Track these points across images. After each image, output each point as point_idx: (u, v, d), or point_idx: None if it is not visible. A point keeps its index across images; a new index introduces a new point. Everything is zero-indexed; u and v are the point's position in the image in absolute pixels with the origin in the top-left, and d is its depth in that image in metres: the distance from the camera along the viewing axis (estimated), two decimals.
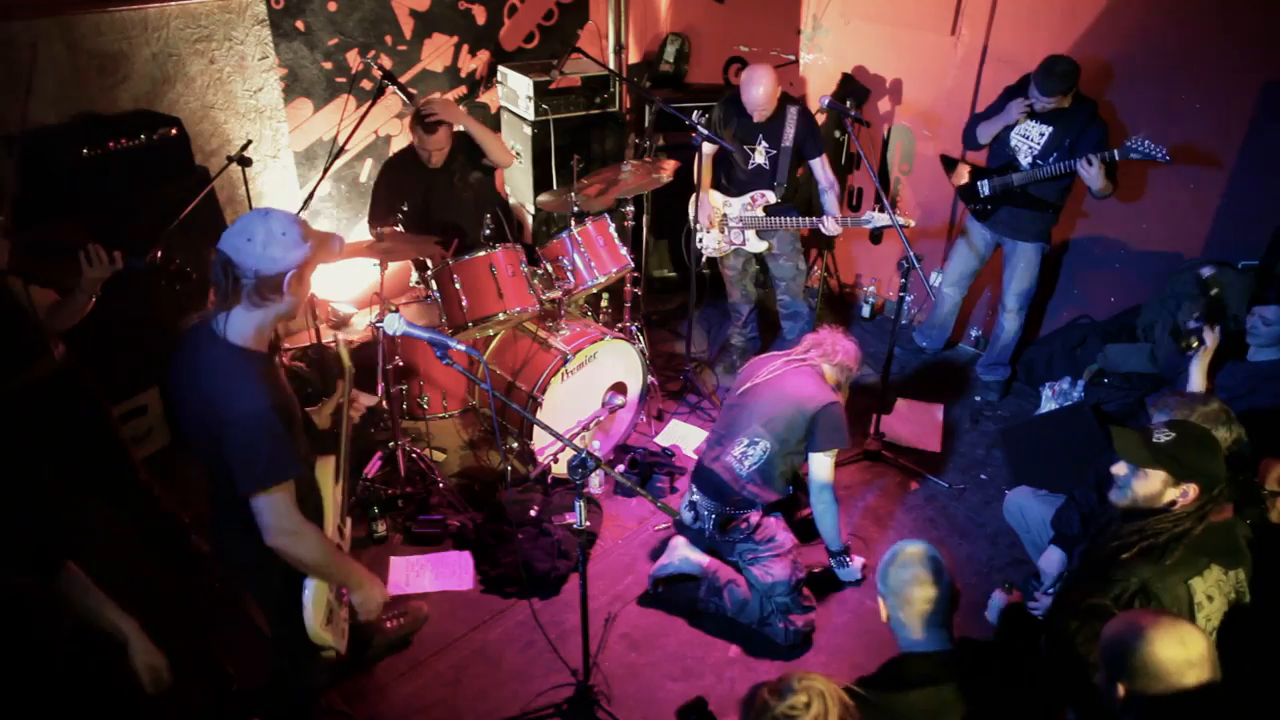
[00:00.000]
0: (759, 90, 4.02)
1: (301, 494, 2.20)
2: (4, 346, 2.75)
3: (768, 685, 1.81)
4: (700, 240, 4.43)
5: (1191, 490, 2.21)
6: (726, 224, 4.36)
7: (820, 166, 4.22)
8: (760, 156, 4.24)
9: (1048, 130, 3.94)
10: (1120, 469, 2.30)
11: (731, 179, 4.36)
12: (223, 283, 1.99)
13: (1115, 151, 3.66)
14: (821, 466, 3.27)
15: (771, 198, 4.26)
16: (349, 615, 2.44)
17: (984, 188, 4.19)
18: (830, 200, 4.23)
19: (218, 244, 2.00)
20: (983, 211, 4.27)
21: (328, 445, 2.50)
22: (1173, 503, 2.23)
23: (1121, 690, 1.73)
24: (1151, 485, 2.24)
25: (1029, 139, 4.02)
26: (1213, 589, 2.17)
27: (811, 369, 3.33)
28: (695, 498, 3.40)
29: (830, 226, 4.12)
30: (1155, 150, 3.55)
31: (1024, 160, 4.03)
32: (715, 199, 4.38)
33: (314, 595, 2.20)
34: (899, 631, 2.13)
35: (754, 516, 3.27)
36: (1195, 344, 3.07)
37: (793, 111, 4.16)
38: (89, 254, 2.71)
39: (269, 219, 2.00)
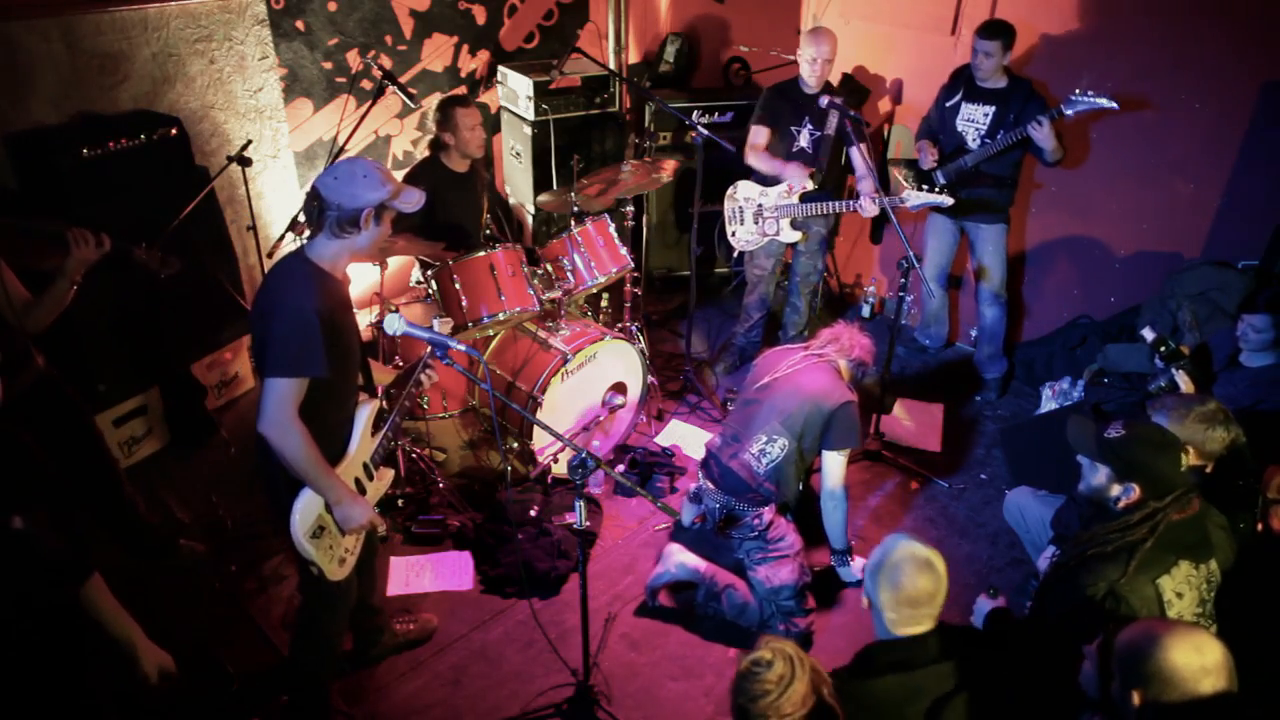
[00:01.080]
0: (824, 42, 4.11)
1: (334, 419, 2.43)
2: None
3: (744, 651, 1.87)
4: (734, 234, 4.45)
5: (1135, 490, 2.25)
6: (762, 214, 4.36)
7: (859, 154, 4.24)
8: (804, 139, 4.29)
9: (990, 109, 4.07)
10: (1080, 458, 2.40)
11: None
12: (311, 211, 2.28)
13: (1062, 106, 3.74)
14: (835, 465, 3.24)
15: (809, 184, 4.26)
16: (355, 548, 2.54)
17: (939, 176, 4.25)
18: (868, 185, 4.24)
19: (313, 182, 2.29)
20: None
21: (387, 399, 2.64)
22: (1117, 499, 2.29)
23: (1137, 698, 1.71)
24: (1099, 478, 2.34)
25: (974, 121, 4.12)
26: (1182, 585, 2.19)
27: (829, 365, 3.29)
28: (704, 492, 3.33)
29: (868, 207, 4.12)
30: (1100, 98, 3.63)
31: (972, 143, 4.13)
32: (750, 190, 4.38)
33: (304, 504, 2.32)
34: (877, 620, 2.11)
35: (766, 514, 3.21)
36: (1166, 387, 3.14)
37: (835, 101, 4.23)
38: (75, 236, 2.72)
39: (354, 163, 2.29)
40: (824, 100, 4.06)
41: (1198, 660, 1.68)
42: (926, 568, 2.02)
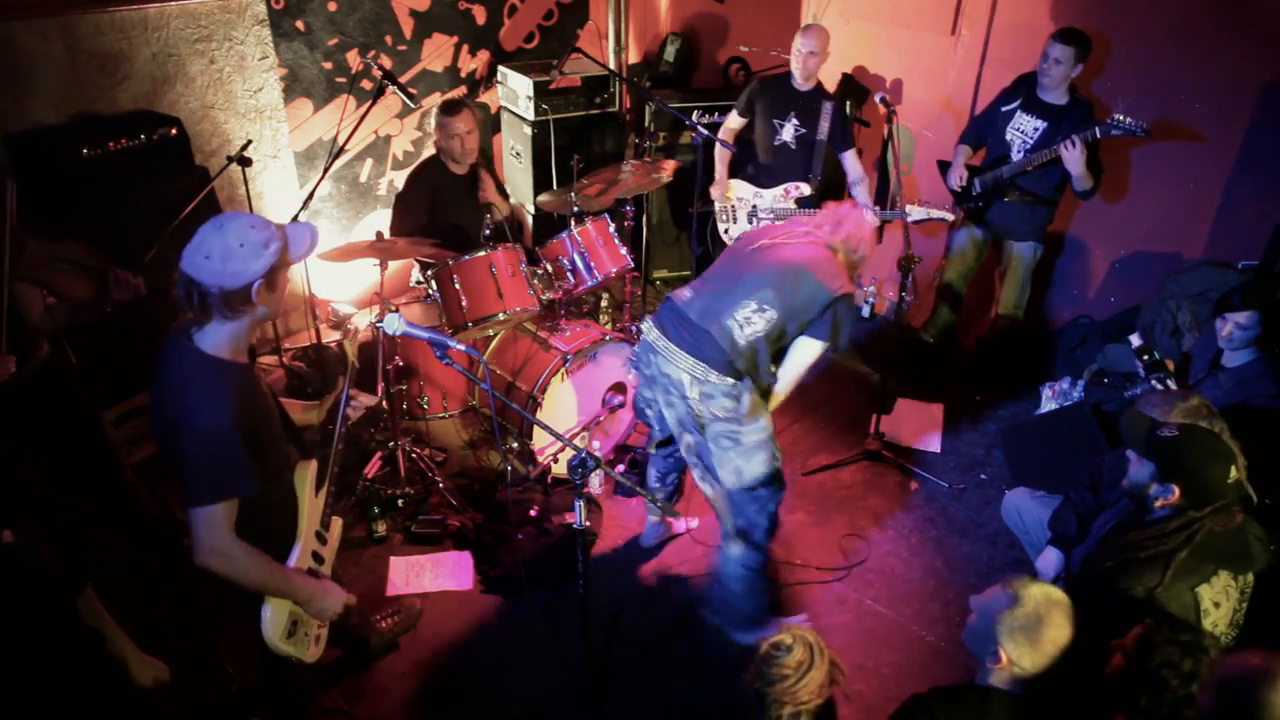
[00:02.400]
0: (815, 41, 4.13)
1: (275, 500, 2.21)
2: None
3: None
4: (726, 231, 4.45)
5: (1174, 491, 2.22)
6: (756, 215, 4.35)
7: (851, 159, 4.25)
8: (788, 134, 4.25)
9: (1042, 125, 3.97)
10: (1128, 450, 2.35)
11: (761, 169, 4.37)
12: (189, 301, 1.96)
13: (1097, 129, 3.68)
14: (810, 354, 2.90)
15: (806, 190, 4.27)
16: (326, 623, 2.42)
17: (976, 185, 4.22)
18: (861, 192, 4.25)
19: (180, 263, 1.95)
20: (976, 211, 4.29)
21: (320, 444, 2.49)
22: (1155, 498, 2.26)
23: None
24: (1142, 475, 2.30)
25: (1023, 132, 4.04)
26: (1220, 595, 2.16)
27: (830, 251, 2.94)
28: (663, 355, 2.89)
29: (868, 218, 4.13)
30: (1135, 125, 3.59)
31: (1016, 153, 4.07)
32: (744, 190, 4.38)
33: (273, 610, 2.18)
34: (992, 665, 1.92)
35: (747, 396, 2.85)
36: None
37: (828, 106, 4.27)
38: (118, 278, 2.69)
39: (224, 231, 1.95)
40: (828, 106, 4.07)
41: None
42: (1066, 612, 1.87)
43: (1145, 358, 3.14)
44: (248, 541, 2.06)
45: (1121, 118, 3.62)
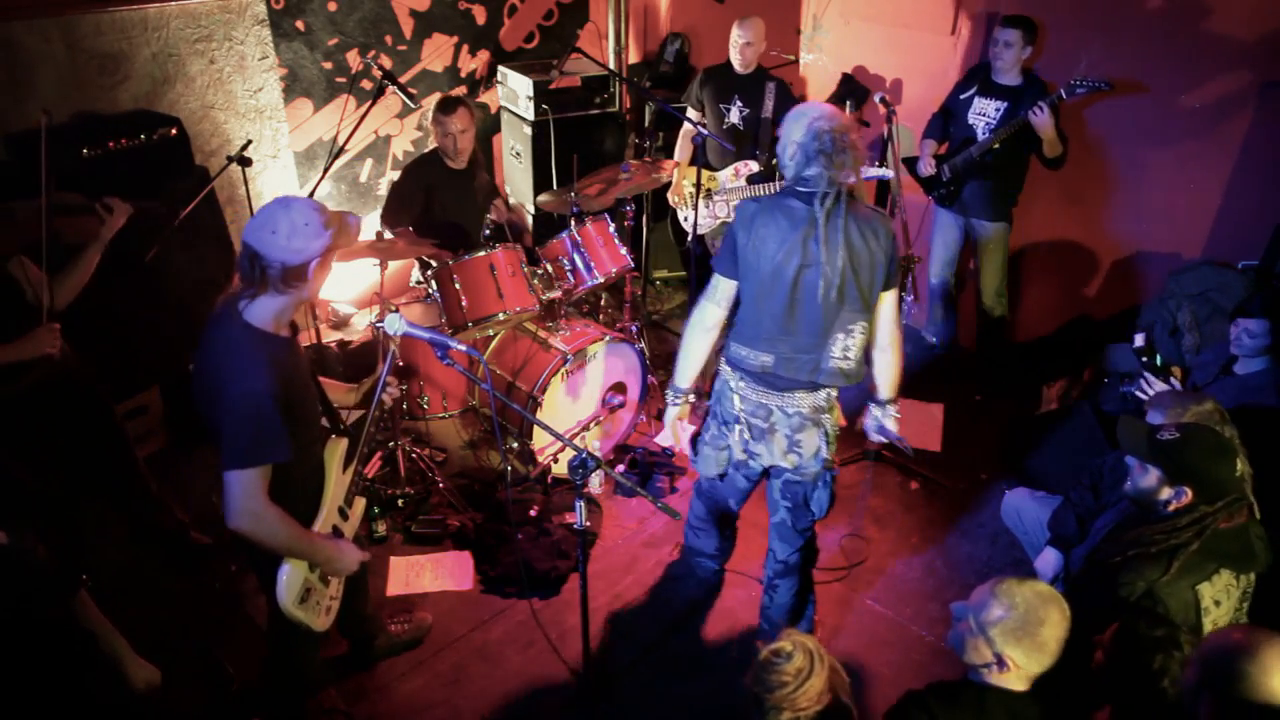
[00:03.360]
0: (750, 32, 4.29)
1: (303, 473, 2.30)
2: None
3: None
4: (686, 218, 4.52)
5: (1186, 494, 2.20)
6: (711, 197, 4.45)
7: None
8: (734, 116, 4.45)
9: (1003, 105, 4.07)
10: (1128, 459, 2.33)
11: (714, 153, 4.55)
12: (249, 272, 2.06)
13: (1061, 92, 3.74)
14: (893, 306, 2.66)
15: (754, 166, 4.43)
16: (339, 593, 2.49)
17: (944, 171, 4.29)
18: None
19: (243, 236, 2.06)
20: (947, 195, 4.37)
21: (354, 426, 2.56)
22: (1167, 503, 2.24)
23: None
24: (1148, 480, 2.27)
25: (985, 115, 4.13)
26: (1221, 594, 2.16)
27: (848, 198, 2.50)
28: (783, 401, 2.67)
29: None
30: (1098, 81, 3.66)
31: (981, 135, 4.14)
32: (699, 176, 4.46)
33: (289, 573, 2.25)
34: (1001, 672, 1.89)
35: (840, 414, 2.78)
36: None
37: (771, 86, 4.41)
38: (105, 205, 2.87)
39: (291, 210, 2.05)
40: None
41: None
42: (1061, 608, 1.85)
43: (1145, 359, 3.14)
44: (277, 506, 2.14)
45: (1082, 77, 3.69)
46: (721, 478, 2.98)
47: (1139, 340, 3.21)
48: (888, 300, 2.62)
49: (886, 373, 2.75)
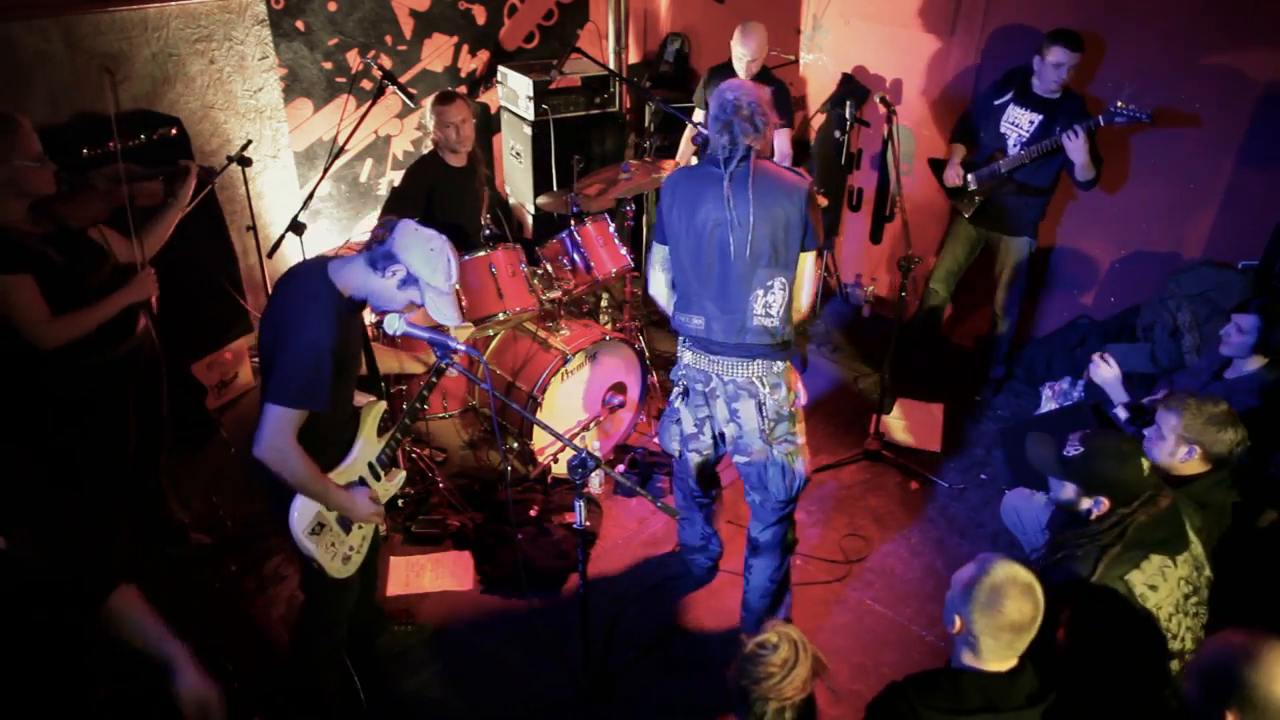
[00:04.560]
0: (752, 42, 4.23)
1: (332, 426, 2.43)
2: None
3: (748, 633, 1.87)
4: None
5: (1104, 502, 2.33)
6: None
7: (781, 137, 4.39)
8: None
9: (1039, 118, 3.94)
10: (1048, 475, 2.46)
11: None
12: (373, 241, 2.28)
13: (1100, 118, 3.66)
14: (813, 268, 2.75)
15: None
16: (362, 547, 2.55)
17: (970, 180, 4.17)
18: None
19: (399, 226, 2.28)
20: (970, 206, 4.28)
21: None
22: (1089, 511, 2.37)
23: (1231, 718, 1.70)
24: (1067, 493, 2.41)
25: (1019, 126, 4.01)
26: (1155, 578, 2.25)
27: (761, 162, 2.65)
28: (725, 368, 2.78)
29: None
30: (1139, 112, 3.60)
31: (1013, 147, 4.02)
32: None
33: (302, 503, 2.34)
34: (964, 646, 1.96)
35: (797, 382, 2.85)
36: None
37: (768, 90, 4.29)
38: (182, 166, 3.07)
39: (450, 266, 2.33)
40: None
41: None
42: (1029, 592, 1.88)
43: (1138, 423, 3.16)
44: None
45: (1124, 105, 3.62)
46: (679, 456, 3.11)
47: (1122, 414, 3.24)
48: (808, 261, 2.72)
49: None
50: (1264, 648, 1.69)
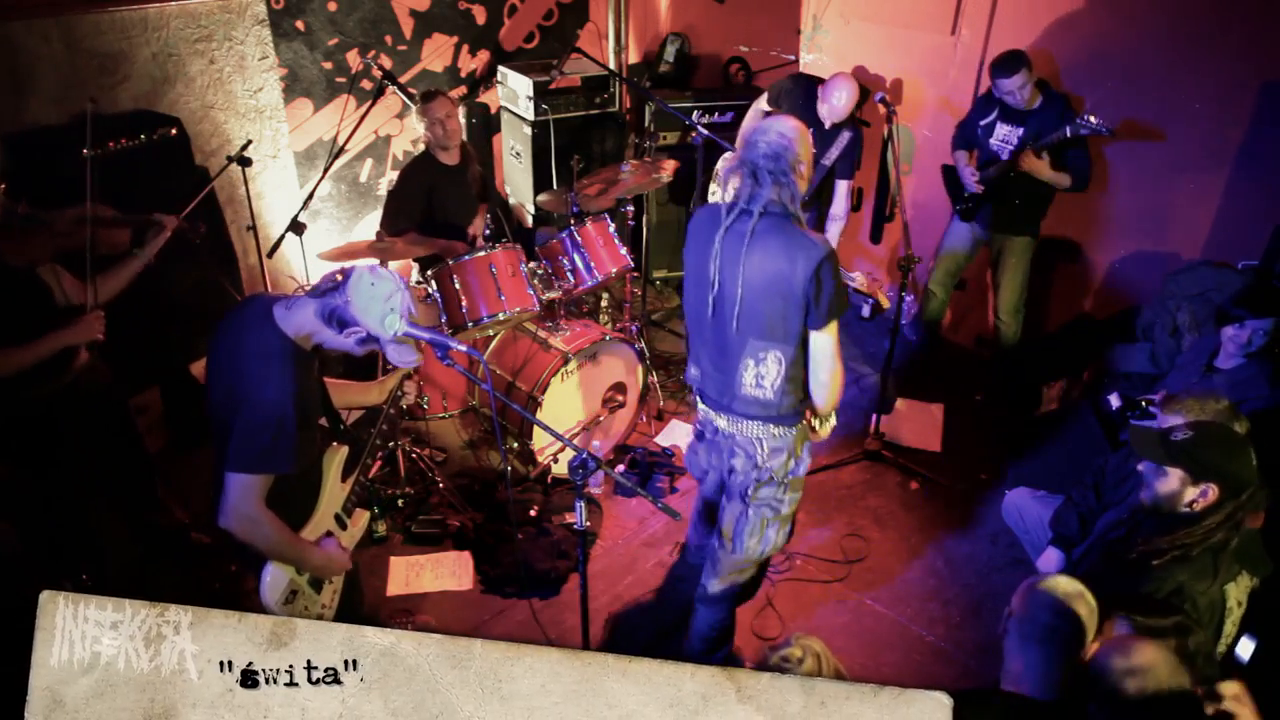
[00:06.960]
0: (843, 98, 4.10)
1: (297, 478, 2.29)
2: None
3: (770, 644, 1.86)
4: (714, 192, 4.46)
5: (1211, 491, 2.18)
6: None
7: (843, 191, 4.31)
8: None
9: (1020, 130, 4.00)
10: (1142, 466, 2.30)
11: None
12: (326, 289, 2.10)
13: (1068, 129, 3.70)
14: (827, 345, 2.38)
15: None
16: (333, 603, 2.49)
17: (971, 184, 4.23)
18: (835, 230, 4.30)
19: (355, 274, 2.10)
20: (968, 210, 4.30)
21: (354, 426, 2.58)
22: (1193, 503, 2.21)
23: None
24: (1170, 484, 2.23)
25: (1007, 141, 4.07)
26: (1243, 595, 2.16)
27: (778, 219, 2.32)
28: (731, 423, 2.55)
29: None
30: (1100, 125, 3.62)
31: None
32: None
33: (272, 576, 2.27)
34: (1023, 671, 1.87)
35: (805, 455, 2.60)
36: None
37: (845, 135, 4.26)
38: (156, 220, 3.02)
39: (409, 309, 2.12)
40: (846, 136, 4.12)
41: None
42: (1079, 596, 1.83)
43: (1131, 412, 3.14)
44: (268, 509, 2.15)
45: (1090, 118, 3.66)
46: (701, 481, 2.96)
47: (1115, 401, 3.21)
48: (818, 341, 2.36)
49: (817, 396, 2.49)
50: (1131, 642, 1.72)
